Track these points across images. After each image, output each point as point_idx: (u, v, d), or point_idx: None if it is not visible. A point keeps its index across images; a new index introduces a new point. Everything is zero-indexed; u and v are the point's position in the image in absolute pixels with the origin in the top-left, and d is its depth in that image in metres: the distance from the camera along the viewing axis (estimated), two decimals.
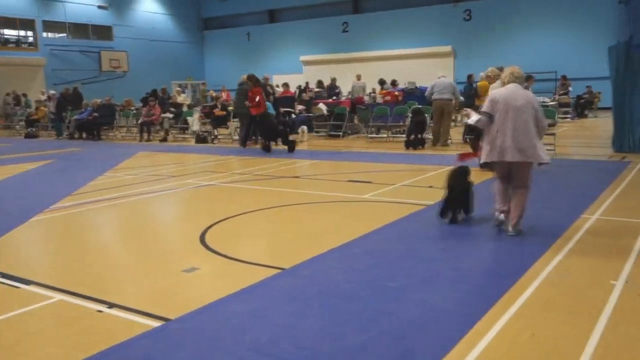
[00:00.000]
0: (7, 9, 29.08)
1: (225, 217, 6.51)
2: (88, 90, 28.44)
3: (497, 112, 5.25)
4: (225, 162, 11.91)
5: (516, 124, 5.15)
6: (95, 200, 7.86)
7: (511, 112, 5.17)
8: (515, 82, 5.35)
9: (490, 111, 5.30)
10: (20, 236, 5.98)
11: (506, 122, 5.18)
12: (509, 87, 5.33)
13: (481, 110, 5.43)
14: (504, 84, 5.44)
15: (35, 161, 12.45)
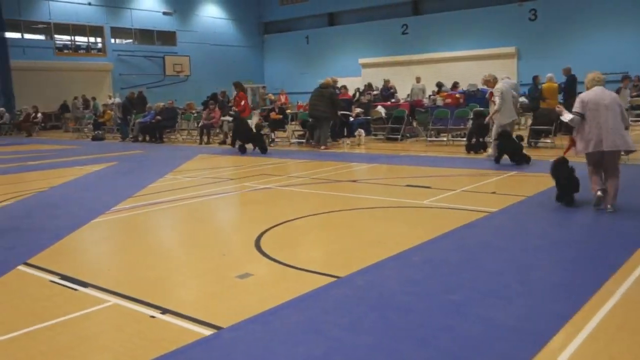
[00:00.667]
0: (78, 17, 30.37)
1: (281, 221, 6.43)
2: (152, 94, 29.29)
3: (588, 111, 6.17)
4: (283, 165, 11.90)
5: (607, 119, 6.05)
6: (155, 202, 7.97)
7: (602, 110, 6.09)
8: (598, 85, 6.31)
9: (581, 111, 6.23)
10: (81, 237, 6.10)
11: (598, 119, 6.08)
12: (595, 90, 6.28)
13: (573, 111, 6.33)
14: (587, 88, 6.38)
15: (100, 163, 12.84)
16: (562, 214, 6.41)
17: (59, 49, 30.21)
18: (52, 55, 29.62)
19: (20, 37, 28.50)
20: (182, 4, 34.75)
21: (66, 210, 7.54)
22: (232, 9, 37.48)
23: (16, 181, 11.00)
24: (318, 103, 14.38)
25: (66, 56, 30.29)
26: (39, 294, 4.29)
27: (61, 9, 29.69)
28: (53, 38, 29.88)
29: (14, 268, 4.95)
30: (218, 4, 36.79)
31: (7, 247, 5.64)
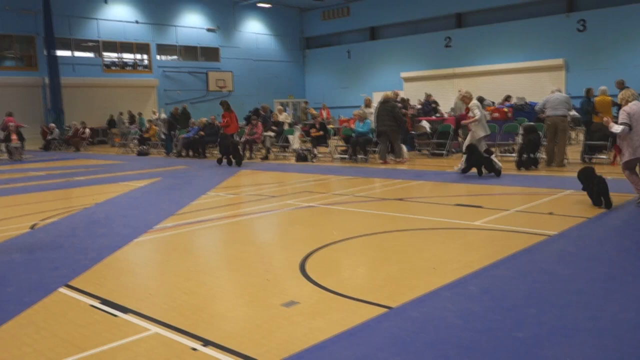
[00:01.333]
0: (126, 35, 31.11)
1: (325, 243, 6.18)
2: (196, 109, 29.70)
3: (635, 122, 7.14)
4: (325, 182, 11.67)
5: None
6: (197, 221, 7.84)
7: None
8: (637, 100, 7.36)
9: (629, 122, 7.17)
10: (123, 258, 6.00)
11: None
12: (636, 103, 7.28)
13: (621, 122, 7.22)
14: (627, 102, 7.36)
15: (144, 179, 12.90)
16: (630, 237, 5.95)
17: (107, 66, 30.98)
18: (100, 72, 30.39)
19: (70, 55, 29.35)
20: (225, 20, 35.24)
21: (109, 228, 7.49)
22: (274, 25, 37.77)
23: (64, 197, 11.13)
24: (383, 118, 14.12)
25: (113, 73, 31.03)
26: (79, 319, 4.15)
27: (109, 27, 30.49)
28: (101, 55, 30.67)
29: (56, 290, 4.85)
30: (260, 20, 37.15)
31: (51, 268, 5.57)
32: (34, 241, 6.81)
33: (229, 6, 35.12)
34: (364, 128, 14.84)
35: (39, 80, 27.98)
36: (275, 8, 36.85)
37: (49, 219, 8.24)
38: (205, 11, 34.35)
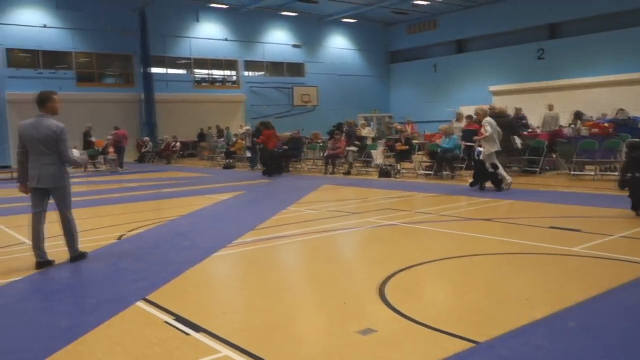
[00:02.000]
0: (215, 52, 32.24)
1: (407, 265, 5.86)
2: (281, 123, 30.11)
3: None
4: (409, 199, 11.31)
5: None
6: (276, 236, 7.76)
7: None
8: None
9: None
10: (201, 272, 5.97)
11: None
12: None
13: None
14: None
15: (228, 192, 13.09)
16: None
17: (198, 82, 32.20)
18: (191, 88, 31.62)
19: (164, 72, 30.76)
20: (310, 36, 35.70)
21: (191, 241, 7.55)
22: (359, 39, 37.81)
23: (152, 208, 11.49)
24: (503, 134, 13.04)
25: (203, 89, 32.20)
26: (153, 336, 4.10)
27: (201, 45, 31.70)
28: (193, 72, 31.94)
29: (134, 304, 4.86)
30: (345, 35, 37.33)
31: (131, 280, 5.64)
32: (119, 252, 6.98)
33: (314, 22, 35.56)
34: (450, 144, 14.30)
35: (136, 96, 29.51)
36: (360, 23, 36.89)
37: (136, 230, 8.47)
38: (291, 28, 34.97)
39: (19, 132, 6.22)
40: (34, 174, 6.15)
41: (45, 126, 6.14)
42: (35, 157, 6.15)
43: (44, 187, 6.20)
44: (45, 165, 6.13)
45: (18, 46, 26.41)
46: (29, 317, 4.56)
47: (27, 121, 6.28)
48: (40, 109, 6.29)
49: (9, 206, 11.93)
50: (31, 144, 6.14)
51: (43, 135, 6.10)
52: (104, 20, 28.22)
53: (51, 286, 5.52)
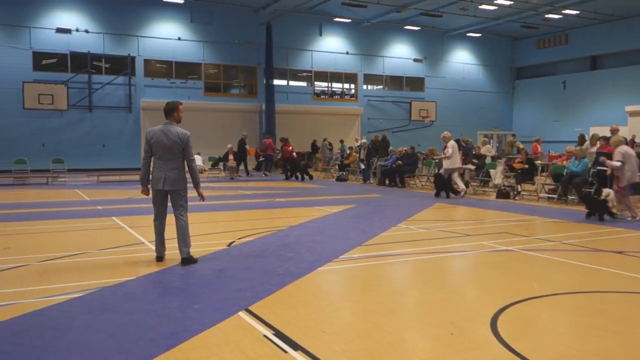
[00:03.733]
0: (336, 65, 32.69)
1: (524, 297, 5.36)
2: (396, 138, 29.84)
3: None
4: (529, 224, 10.53)
5: None
6: (383, 254, 7.50)
7: None
8: None
9: None
10: (304, 287, 5.87)
11: None
12: None
13: None
14: None
15: (338, 205, 13.03)
16: None
17: (317, 95, 32.79)
18: (310, 100, 32.26)
19: (285, 84, 31.68)
20: (432, 51, 35.08)
21: (297, 253, 7.50)
22: (484, 54, 36.56)
23: (263, 217, 11.70)
24: None
25: (322, 101, 32.72)
26: (250, 350, 4.02)
27: (322, 58, 32.29)
28: (313, 85, 32.58)
29: (236, 313, 4.84)
30: (469, 49, 36.27)
31: (236, 289, 5.66)
32: (227, 259, 7.08)
33: (437, 36, 34.91)
34: (579, 168, 13.18)
35: (257, 106, 30.64)
36: (486, 37, 35.65)
37: (245, 237, 8.60)
38: (413, 42, 34.59)
39: (148, 138, 6.68)
40: (160, 176, 6.60)
41: (173, 133, 6.63)
42: (162, 162, 6.62)
43: (167, 190, 6.63)
44: (170, 169, 6.61)
45: (154, 57, 28.49)
46: (136, 318, 4.68)
47: (156, 128, 6.74)
48: (168, 117, 6.79)
49: (134, 206, 12.74)
50: (159, 149, 6.61)
51: (171, 141, 6.59)
52: (233, 33, 29.67)
53: (160, 288, 5.69)
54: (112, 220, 10.56)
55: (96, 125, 27.03)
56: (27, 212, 11.94)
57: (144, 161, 6.80)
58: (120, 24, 27.46)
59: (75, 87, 26.36)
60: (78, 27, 26.65)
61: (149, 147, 6.68)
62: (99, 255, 7.28)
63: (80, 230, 9.63)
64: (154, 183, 6.68)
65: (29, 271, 6.43)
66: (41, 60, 26.20)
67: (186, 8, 28.60)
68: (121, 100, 27.61)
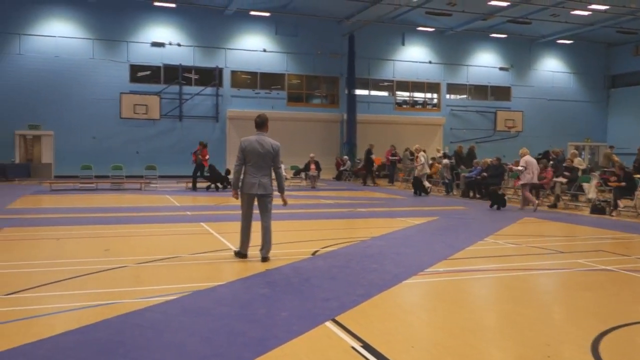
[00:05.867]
0: (418, 75, 32.38)
1: (627, 321, 5.04)
2: (480, 149, 29.05)
3: None
4: (628, 242, 9.91)
5: None
6: (470, 269, 7.31)
7: None
8: None
9: None
10: (390, 299, 5.81)
11: None
12: None
13: None
14: None
15: (421, 217, 12.84)
16: None
17: (398, 104, 32.60)
18: (392, 110, 32.12)
19: (367, 93, 31.73)
20: (519, 59, 34.00)
21: (381, 264, 7.46)
22: (575, 62, 34.98)
23: (345, 227, 11.74)
24: None
25: (404, 111, 32.49)
26: None
27: (404, 67, 32.10)
28: (394, 94, 32.42)
29: (322, 323, 4.87)
30: (558, 57, 34.84)
31: (322, 298, 5.69)
32: (312, 268, 7.15)
33: (525, 44, 33.80)
34: None
35: (339, 116, 30.87)
36: (578, 44, 34.09)
37: (329, 247, 8.66)
38: (499, 50, 33.67)
39: (243, 146, 7.26)
40: (254, 182, 7.25)
41: (267, 143, 7.30)
42: (255, 169, 7.25)
43: (258, 194, 7.30)
44: (262, 176, 7.30)
45: (240, 69, 29.41)
46: (227, 323, 4.82)
47: (250, 137, 7.33)
48: (260, 128, 7.41)
49: (221, 213, 13.15)
50: (253, 157, 7.22)
51: (265, 150, 7.26)
52: (316, 44, 30.12)
53: (249, 295, 5.82)
54: (200, 226, 10.96)
55: (185, 134, 28.23)
56: (124, 215, 12.63)
57: (237, 168, 7.34)
58: (210, 38, 28.59)
59: (167, 97, 27.70)
60: (171, 40, 28.02)
61: (243, 155, 7.25)
62: (190, 260, 7.57)
63: (172, 234, 10.07)
64: (246, 188, 7.27)
65: (127, 273, 6.79)
66: (137, 73, 27.75)
67: (271, 21, 29.35)
68: (209, 110, 28.70)
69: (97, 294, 5.77)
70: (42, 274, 6.55)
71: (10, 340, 4.29)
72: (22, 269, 6.94)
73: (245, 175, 7.31)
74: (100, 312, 5.07)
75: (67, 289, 5.97)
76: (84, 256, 7.79)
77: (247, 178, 7.28)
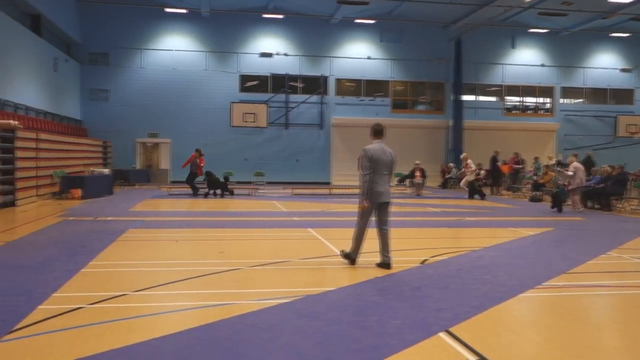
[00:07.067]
0: (529, 79, 31.00)
1: None
2: (598, 156, 27.24)
3: None
4: None
5: None
6: (593, 284, 6.84)
7: None
8: None
9: None
10: (506, 313, 5.57)
11: None
12: None
13: None
14: None
15: (534, 227, 12.23)
16: None
17: (508, 110, 31.38)
18: (500, 116, 30.99)
19: (474, 99, 30.85)
20: None
21: (494, 276, 7.18)
22: None
23: (453, 235, 11.45)
24: None
25: (513, 116, 31.23)
26: None
27: (514, 71, 30.89)
28: (503, 99, 31.24)
29: (436, 334, 4.77)
30: None
31: (434, 308, 5.58)
32: (422, 277, 7.03)
33: None
34: None
35: (444, 122, 30.27)
36: None
37: (438, 256, 8.48)
38: (621, 50, 31.45)
39: (370, 155, 7.30)
40: (381, 190, 7.38)
41: (388, 152, 7.47)
42: (380, 177, 7.38)
43: (385, 202, 7.45)
44: (386, 183, 7.48)
45: (345, 76, 29.72)
46: (339, 328, 4.85)
47: (374, 146, 7.42)
48: (379, 137, 7.54)
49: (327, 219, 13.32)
50: (379, 165, 7.35)
51: (388, 158, 7.43)
52: (421, 50, 29.79)
53: (360, 301, 5.82)
54: (307, 231, 11.16)
55: (291, 141, 28.96)
56: (235, 220, 13.16)
57: (368, 177, 7.30)
58: (315, 46, 29.18)
59: (274, 106, 28.60)
60: (278, 50, 28.93)
61: (371, 164, 7.28)
62: (300, 265, 7.73)
63: (281, 239, 10.34)
64: (374, 197, 7.32)
65: (241, 275, 7.05)
66: (246, 82, 28.90)
67: (376, 28, 29.42)
68: (314, 117, 29.25)
69: (215, 294, 6.05)
70: (165, 273, 6.97)
71: (140, 334, 4.60)
72: (147, 267, 7.43)
73: (370, 184, 7.29)
74: (218, 311, 5.30)
75: (188, 288, 6.31)
76: (200, 257, 8.21)
77: (373, 187, 7.30)
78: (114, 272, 7.16)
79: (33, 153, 17.04)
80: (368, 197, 7.33)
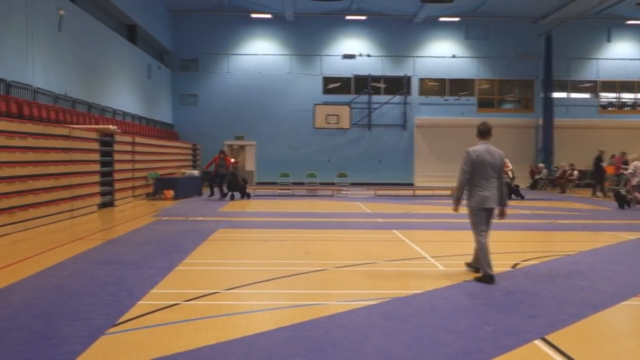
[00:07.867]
0: (627, 74, 29.17)
1: None
2: None
3: None
4: None
5: None
6: None
7: None
8: None
9: None
10: (606, 321, 5.27)
11: None
12: None
13: None
14: None
15: (633, 231, 11.49)
16: None
17: (603, 107, 29.67)
18: (595, 114, 29.38)
19: (565, 96, 29.42)
20: None
21: (593, 282, 6.81)
22: None
23: (546, 239, 10.98)
24: None
25: (609, 114, 29.49)
26: None
27: (609, 66, 29.21)
28: (598, 96, 29.58)
29: (531, 341, 4.59)
30: None
31: (527, 315, 5.37)
32: (513, 282, 6.78)
33: None
34: None
35: (533, 121, 29.07)
36: None
37: (530, 260, 8.16)
38: None
39: (472, 158, 6.82)
40: (488, 195, 6.80)
41: (495, 152, 6.90)
42: (486, 180, 6.81)
43: (493, 207, 6.84)
44: (494, 187, 6.83)
45: (429, 76, 29.25)
46: (428, 332, 4.78)
47: (478, 147, 6.92)
48: (486, 137, 7.01)
49: (412, 221, 13.16)
50: (483, 168, 6.80)
51: (495, 160, 6.84)
52: (508, 47, 28.79)
53: (449, 305, 5.71)
54: (392, 233, 11.08)
55: (374, 142, 28.87)
56: (320, 221, 13.30)
57: (465, 179, 6.86)
58: (398, 46, 28.94)
59: (356, 107, 28.62)
60: (361, 52, 28.94)
61: (472, 166, 6.81)
62: (387, 266, 7.69)
63: (366, 240, 10.33)
64: (480, 202, 6.80)
65: (328, 275, 7.12)
66: (328, 84, 29.13)
67: (461, 25, 28.75)
68: (397, 118, 29.01)
69: (303, 294, 6.15)
70: (254, 272, 7.17)
71: (232, 332, 4.76)
72: (237, 267, 7.67)
73: (474, 188, 6.82)
74: (307, 311, 5.38)
75: (277, 287, 6.45)
76: (288, 257, 8.36)
77: (478, 191, 6.78)
78: (206, 270, 7.45)
79: (129, 156, 18.04)
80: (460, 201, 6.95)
